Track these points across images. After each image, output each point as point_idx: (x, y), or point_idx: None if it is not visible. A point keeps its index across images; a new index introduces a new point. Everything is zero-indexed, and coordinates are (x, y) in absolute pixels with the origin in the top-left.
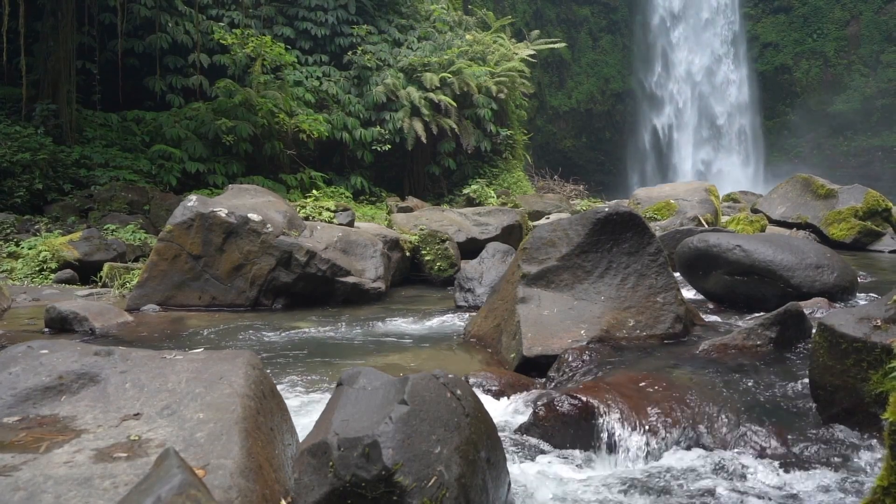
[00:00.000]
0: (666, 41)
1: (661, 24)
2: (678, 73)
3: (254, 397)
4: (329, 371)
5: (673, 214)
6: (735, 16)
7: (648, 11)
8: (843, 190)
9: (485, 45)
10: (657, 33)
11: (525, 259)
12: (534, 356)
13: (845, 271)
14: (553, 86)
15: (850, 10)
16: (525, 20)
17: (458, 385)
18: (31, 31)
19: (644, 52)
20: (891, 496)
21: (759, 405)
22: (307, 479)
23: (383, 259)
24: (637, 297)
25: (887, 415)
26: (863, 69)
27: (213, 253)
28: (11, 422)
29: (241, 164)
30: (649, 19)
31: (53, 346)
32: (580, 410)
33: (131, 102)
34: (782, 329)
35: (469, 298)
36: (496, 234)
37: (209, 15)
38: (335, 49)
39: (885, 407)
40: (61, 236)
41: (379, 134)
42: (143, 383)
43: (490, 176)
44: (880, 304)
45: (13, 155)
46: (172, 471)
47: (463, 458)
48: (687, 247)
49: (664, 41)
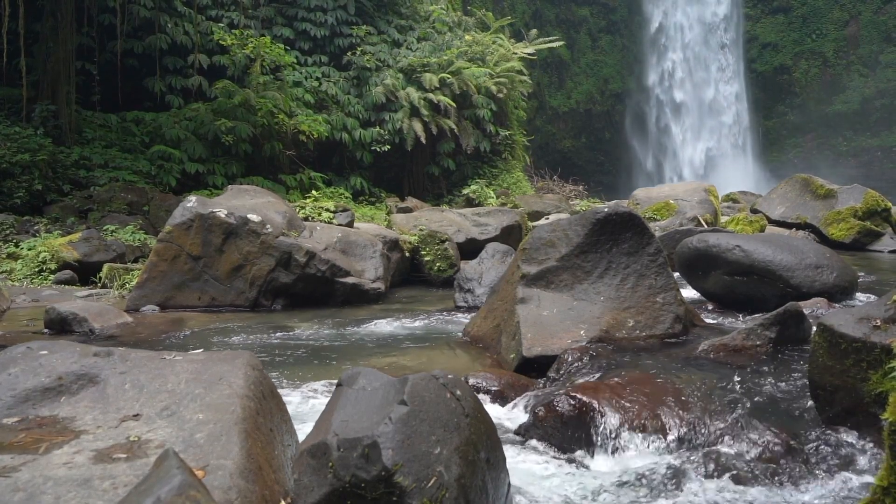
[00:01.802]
0: (665, 41)
1: (661, 25)
2: (678, 73)
3: (253, 398)
4: (328, 371)
5: (672, 215)
6: (734, 17)
7: (647, 12)
8: (843, 190)
9: (484, 45)
10: (657, 33)
11: (524, 259)
12: (533, 356)
13: (845, 271)
14: (552, 86)
15: (849, 10)
16: (524, 21)
17: (457, 385)
18: (31, 32)
19: (643, 52)
20: (890, 496)
21: (759, 405)
22: (307, 480)
23: (383, 259)
24: (636, 298)
25: (887, 415)
26: (862, 69)
27: (212, 253)
28: (11, 423)
29: (240, 165)
30: (648, 20)
31: (53, 346)
32: (580, 411)
33: (131, 103)
34: (782, 329)
35: (468, 299)
36: (496, 235)
37: (208, 16)
38: (334, 50)
39: (885, 407)
40: (61, 237)
41: (378, 134)
42: (142, 384)
43: (489, 176)
44: (880, 305)
45: (13, 156)
46: (172, 471)
47: (463, 458)
48: (686, 247)
49: (664, 41)
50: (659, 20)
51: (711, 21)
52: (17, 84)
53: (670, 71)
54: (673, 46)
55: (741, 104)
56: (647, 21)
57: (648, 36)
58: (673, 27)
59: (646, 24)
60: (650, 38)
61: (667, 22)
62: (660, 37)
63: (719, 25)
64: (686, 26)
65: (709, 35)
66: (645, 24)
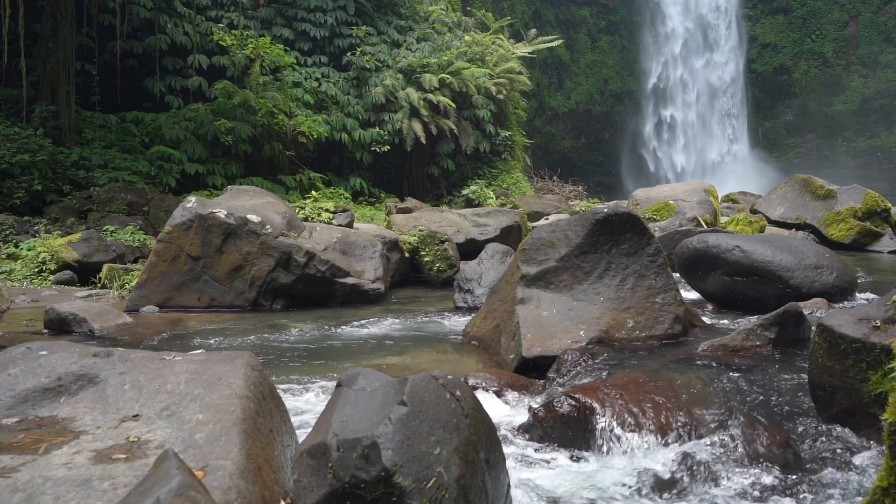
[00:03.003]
0: (665, 41)
1: (660, 25)
2: (677, 73)
3: (253, 398)
4: (328, 372)
5: (672, 215)
6: (734, 17)
7: (647, 12)
8: (842, 190)
9: (483, 46)
10: (656, 34)
11: (524, 260)
12: (533, 357)
13: (844, 272)
14: (552, 87)
15: (849, 10)
16: (524, 21)
17: (457, 386)
18: (31, 32)
19: (643, 52)
20: (890, 497)
21: (758, 406)
22: (306, 481)
23: (382, 260)
24: (636, 298)
25: (886, 415)
26: (861, 70)
27: (212, 254)
28: (10, 423)
29: (240, 166)
30: (648, 20)
31: (52, 347)
32: (579, 411)
33: (130, 104)
34: (781, 330)
35: (468, 299)
36: (495, 235)
37: (208, 16)
38: (334, 50)
39: (885, 407)
40: (60, 237)
41: (378, 135)
42: (142, 384)
43: (489, 177)
44: (879, 305)
45: (12, 156)
46: (171, 472)
47: (462, 459)
48: (686, 247)
49: (663, 41)
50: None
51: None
52: (17, 84)
53: (670, 71)
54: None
55: (741, 104)
56: (647, 21)
57: (648, 35)
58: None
59: (645, 24)
60: (650, 37)
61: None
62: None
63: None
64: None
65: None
66: (645, 24)
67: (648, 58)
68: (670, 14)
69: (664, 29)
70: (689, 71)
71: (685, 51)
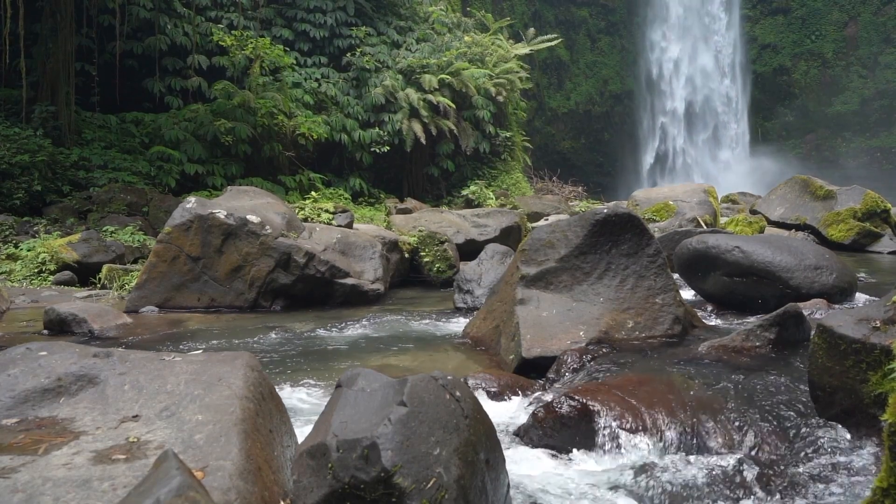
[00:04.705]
0: (665, 42)
1: (660, 25)
2: (677, 73)
3: (252, 399)
4: (328, 372)
5: (672, 216)
6: (734, 17)
7: (646, 13)
8: (842, 191)
9: (483, 46)
10: (656, 34)
11: (524, 260)
12: (533, 357)
13: (844, 272)
14: (552, 87)
15: (849, 11)
16: (524, 21)
17: (457, 386)
18: (31, 33)
19: (643, 52)
20: (890, 497)
21: (758, 406)
22: (306, 481)
23: (382, 260)
24: (636, 299)
25: (886, 416)
26: (861, 70)
27: (211, 254)
28: (10, 423)
29: (239, 166)
30: (648, 20)
31: (52, 347)
32: (579, 411)
33: (130, 104)
34: (781, 330)
35: (468, 300)
36: (495, 236)
37: (208, 17)
38: (334, 51)
39: (885, 408)
40: (60, 238)
41: (378, 135)
42: (141, 385)
43: (489, 177)
44: (879, 306)
45: (12, 157)
46: (171, 472)
47: (462, 459)
48: (686, 248)
49: (663, 42)
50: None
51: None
52: (17, 85)
53: (669, 71)
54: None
55: (740, 104)
56: (647, 21)
57: (648, 36)
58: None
59: (645, 24)
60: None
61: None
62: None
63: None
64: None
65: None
66: (644, 25)
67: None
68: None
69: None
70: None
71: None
